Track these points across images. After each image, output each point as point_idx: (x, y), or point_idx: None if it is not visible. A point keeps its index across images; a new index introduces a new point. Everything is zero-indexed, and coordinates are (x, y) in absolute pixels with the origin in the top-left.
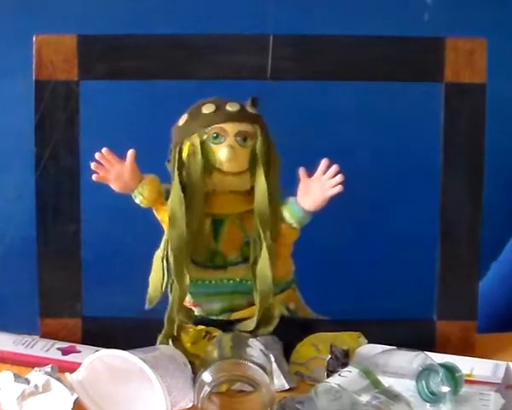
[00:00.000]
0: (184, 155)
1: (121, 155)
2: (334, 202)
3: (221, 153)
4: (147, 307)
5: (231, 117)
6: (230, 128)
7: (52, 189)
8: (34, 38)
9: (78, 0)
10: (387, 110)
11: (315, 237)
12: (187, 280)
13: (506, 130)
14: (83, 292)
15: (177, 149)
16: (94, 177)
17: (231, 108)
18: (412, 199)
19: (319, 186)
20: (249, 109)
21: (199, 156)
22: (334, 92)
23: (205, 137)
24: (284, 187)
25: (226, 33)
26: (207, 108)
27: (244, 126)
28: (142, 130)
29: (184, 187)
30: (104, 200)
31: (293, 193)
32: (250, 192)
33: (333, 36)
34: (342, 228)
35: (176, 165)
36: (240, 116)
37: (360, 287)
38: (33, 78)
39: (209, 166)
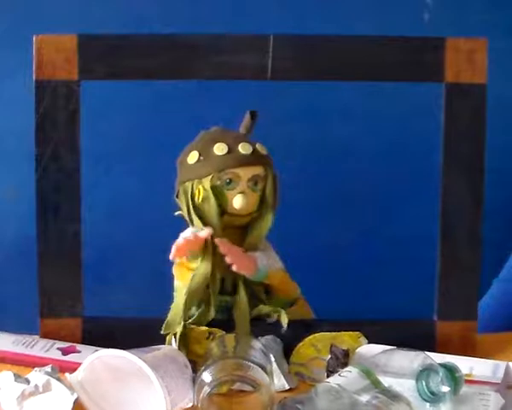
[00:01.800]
0: (198, 198)
1: (121, 155)
2: (334, 202)
3: (235, 201)
4: (162, 332)
5: (244, 161)
6: (244, 173)
7: (52, 189)
8: (34, 38)
9: (78, 0)
10: (388, 110)
11: (315, 238)
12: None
13: (506, 130)
14: (83, 292)
15: (189, 191)
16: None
17: (244, 150)
18: (412, 199)
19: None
20: (260, 150)
21: (212, 201)
22: (334, 92)
23: (218, 182)
24: (284, 188)
25: (226, 33)
26: (219, 149)
27: (256, 170)
28: (142, 130)
29: None
30: (104, 200)
31: (293, 193)
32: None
33: (333, 36)
34: (342, 228)
35: (192, 211)
36: (253, 160)
37: (360, 287)
38: (33, 78)
39: (220, 210)
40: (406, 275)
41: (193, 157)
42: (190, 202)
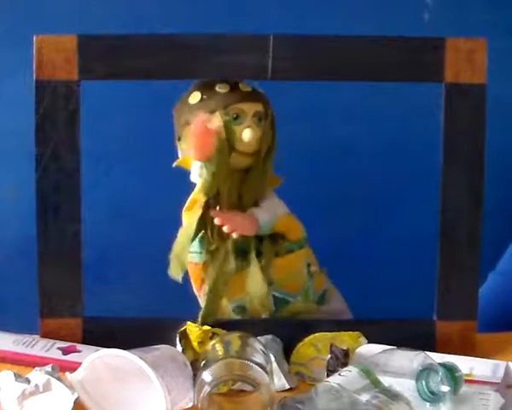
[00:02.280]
0: None
1: (121, 155)
2: (333, 202)
3: (245, 134)
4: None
5: (248, 97)
6: (248, 108)
7: (52, 189)
8: (34, 38)
9: (78, 0)
10: (387, 110)
11: (314, 238)
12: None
13: (506, 130)
14: (83, 292)
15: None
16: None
17: (245, 88)
18: (412, 199)
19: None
20: (258, 90)
21: (223, 136)
22: (334, 92)
23: (226, 117)
24: (284, 188)
25: (226, 33)
26: (221, 88)
27: (258, 107)
28: (142, 130)
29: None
30: (104, 200)
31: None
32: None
33: (333, 36)
34: (342, 228)
35: None
36: (254, 96)
37: (360, 287)
38: (33, 78)
39: (230, 145)
40: (406, 275)
41: (195, 97)
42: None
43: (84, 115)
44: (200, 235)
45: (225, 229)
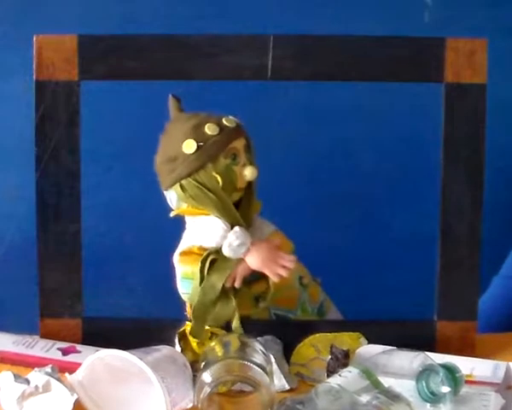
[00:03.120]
0: (218, 183)
1: (121, 155)
2: (334, 202)
3: (248, 173)
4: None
5: (236, 134)
6: (239, 145)
7: (52, 189)
8: (34, 38)
9: (78, 0)
10: (387, 110)
11: (315, 238)
12: None
13: (506, 130)
14: (83, 292)
15: (207, 178)
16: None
17: (230, 123)
18: (412, 199)
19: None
20: (235, 119)
21: (234, 179)
22: (334, 92)
23: (228, 160)
24: (284, 188)
25: (226, 33)
26: (211, 129)
27: (244, 140)
28: (142, 130)
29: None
30: (104, 200)
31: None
32: None
33: (333, 36)
34: (342, 228)
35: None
36: (239, 131)
37: (360, 287)
38: (34, 78)
39: (232, 187)
40: (406, 275)
41: (190, 146)
42: (212, 190)
43: (84, 115)
44: None
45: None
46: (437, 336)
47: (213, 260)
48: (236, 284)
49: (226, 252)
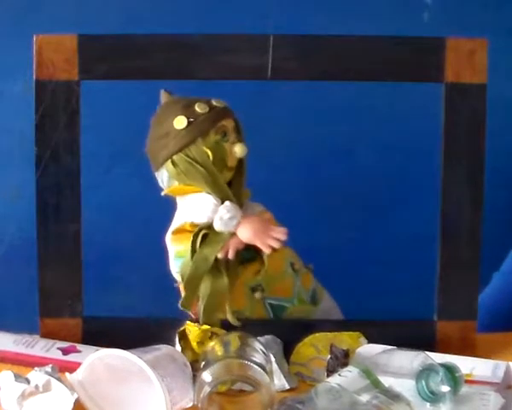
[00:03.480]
0: (209, 158)
1: (121, 155)
2: (334, 202)
3: (238, 150)
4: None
5: (226, 113)
6: (229, 124)
7: (52, 189)
8: (34, 38)
9: (78, 0)
10: (388, 110)
11: (315, 238)
12: None
13: (506, 130)
14: (83, 292)
15: (199, 153)
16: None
17: (219, 104)
18: (412, 199)
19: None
20: (224, 103)
21: (224, 154)
22: (334, 92)
23: (218, 136)
24: (284, 188)
25: (226, 33)
26: (201, 108)
27: (233, 121)
28: (143, 130)
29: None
30: (104, 200)
31: (293, 193)
32: None
33: (333, 36)
34: (342, 228)
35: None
36: (228, 111)
37: (360, 287)
38: (34, 78)
39: (222, 164)
40: (406, 275)
41: (181, 122)
42: (203, 165)
43: (84, 115)
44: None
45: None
46: (437, 335)
47: (205, 234)
48: (230, 256)
49: (217, 226)
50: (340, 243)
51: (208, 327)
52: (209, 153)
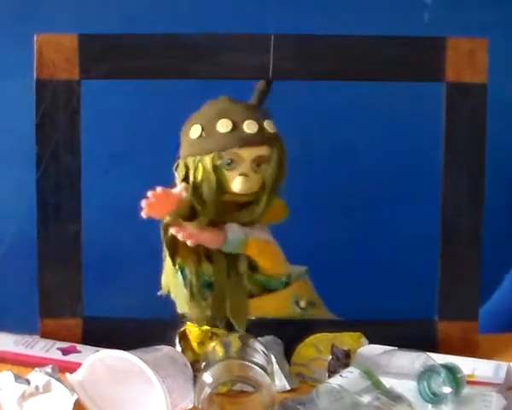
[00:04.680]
0: (198, 175)
1: (121, 155)
2: (334, 202)
3: (235, 184)
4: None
5: (249, 142)
6: (247, 154)
7: (53, 189)
8: (35, 38)
9: (78, 0)
10: (388, 110)
11: (315, 238)
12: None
13: (507, 130)
14: (83, 292)
15: (191, 167)
16: (143, 213)
17: (249, 129)
18: (413, 199)
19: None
20: (267, 128)
21: (212, 181)
22: (334, 92)
23: (219, 162)
24: (284, 188)
25: (226, 33)
26: (223, 126)
27: (261, 151)
28: (143, 130)
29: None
30: (104, 200)
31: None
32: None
33: (333, 36)
34: (342, 228)
35: (191, 191)
36: (257, 140)
37: (361, 287)
38: (34, 77)
39: (221, 189)
40: (407, 275)
41: (195, 131)
42: (191, 179)
43: (84, 115)
44: None
45: (189, 243)
46: (438, 336)
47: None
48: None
49: None
50: (341, 243)
51: (209, 328)
52: (199, 173)
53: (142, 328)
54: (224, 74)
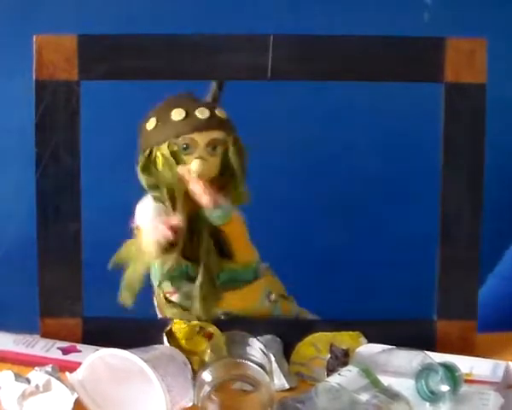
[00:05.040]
0: (159, 163)
1: (121, 155)
2: (333, 202)
3: (192, 166)
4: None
5: (201, 126)
6: (201, 138)
7: (52, 189)
8: (34, 38)
9: (78, 0)
10: (388, 110)
11: (315, 238)
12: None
13: (506, 130)
14: (83, 292)
15: (147, 156)
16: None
17: (201, 114)
18: (412, 199)
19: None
20: (218, 114)
21: (173, 167)
22: (335, 92)
23: (175, 148)
24: (284, 188)
25: (225, 34)
26: (177, 115)
27: (214, 134)
28: None
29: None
30: (104, 200)
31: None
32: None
33: (333, 36)
34: (342, 228)
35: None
36: (210, 125)
37: (360, 287)
38: (34, 78)
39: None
40: (406, 274)
41: (151, 123)
42: (153, 169)
43: (84, 115)
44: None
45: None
46: (436, 335)
47: None
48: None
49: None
50: (340, 243)
51: (196, 322)
52: (159, 160)
53: (142, 328)
54: (223, 74)
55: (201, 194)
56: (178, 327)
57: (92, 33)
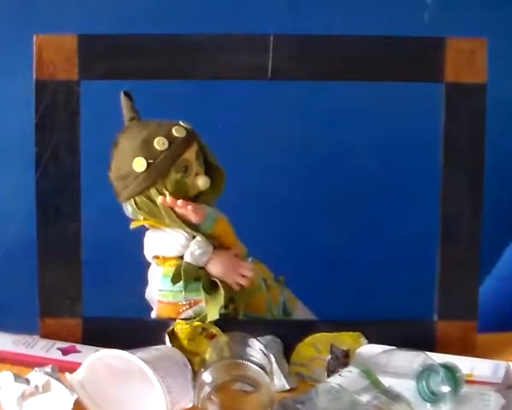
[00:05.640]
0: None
1: None
2: (333, 202)
3: (201, 183)
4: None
5: (186, 144)
6: (190, 155)
7: (52, 189)
8: (34, 38)
9: (78, 0)
10: (388, 110)
11: (315, 238)
12: None
13: (506, 130)
14: (83, 292)
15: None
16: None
17: (179, 133)
18: (412, 199)
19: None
20: (187, 127)
21: (183, 192)
22: (335, 92)
23: (178, 175)
24: (284, 188)
25: (226, 33)
26: (160, 144)
27: (195, 146)
28: None
29: None
30: (104, 200)
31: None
32: None
33: (333, 36)
34: (342, 228)
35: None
36: (190, 139)
37: (361, 287)
38: (34, 77)
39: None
40: (406, 275)
41: (140, 163)
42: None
43: (84, 115)
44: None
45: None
46: (437, 335)
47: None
48: None
49: (188, 260)
50: (340, 243)
51: (198, 323)
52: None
53: (142, 328)
54: (223, 74)
55: (188, 213)
56: (181, 327)
57: (92, 33)
